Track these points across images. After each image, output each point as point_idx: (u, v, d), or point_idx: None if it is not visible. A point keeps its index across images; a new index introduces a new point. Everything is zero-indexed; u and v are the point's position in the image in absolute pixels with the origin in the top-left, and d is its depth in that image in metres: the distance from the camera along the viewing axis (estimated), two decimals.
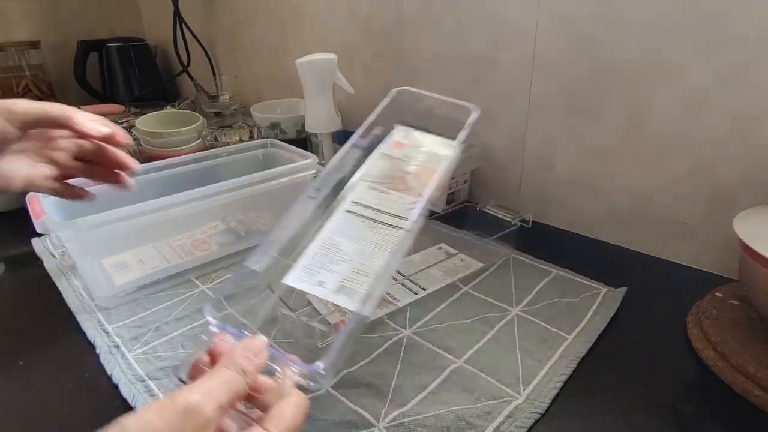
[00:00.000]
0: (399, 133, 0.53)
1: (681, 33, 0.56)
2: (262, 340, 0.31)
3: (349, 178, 0.49)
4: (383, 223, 0.43)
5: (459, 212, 0.81)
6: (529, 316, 0.53)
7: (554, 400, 0.42)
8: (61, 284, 0.61)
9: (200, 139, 0.96)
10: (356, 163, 0.50)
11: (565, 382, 0.44)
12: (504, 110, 0.76)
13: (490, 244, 0.67)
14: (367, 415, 0.41)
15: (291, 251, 0.43)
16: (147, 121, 0.98)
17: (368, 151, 0.51)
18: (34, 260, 0.67)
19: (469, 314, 0.53)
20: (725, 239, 0.59)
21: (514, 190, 0.80)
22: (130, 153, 1.02)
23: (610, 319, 0.52)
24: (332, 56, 0.80)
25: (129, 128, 1.11)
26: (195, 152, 0.84)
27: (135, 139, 1.00)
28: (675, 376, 0.45)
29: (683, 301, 0.54)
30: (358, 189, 0.47)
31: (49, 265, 0.65)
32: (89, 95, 1.45)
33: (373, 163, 0.50)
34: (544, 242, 0.70)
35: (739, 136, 0.55)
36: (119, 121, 1.18)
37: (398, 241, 0.41)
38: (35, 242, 0.71)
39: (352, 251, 0.41)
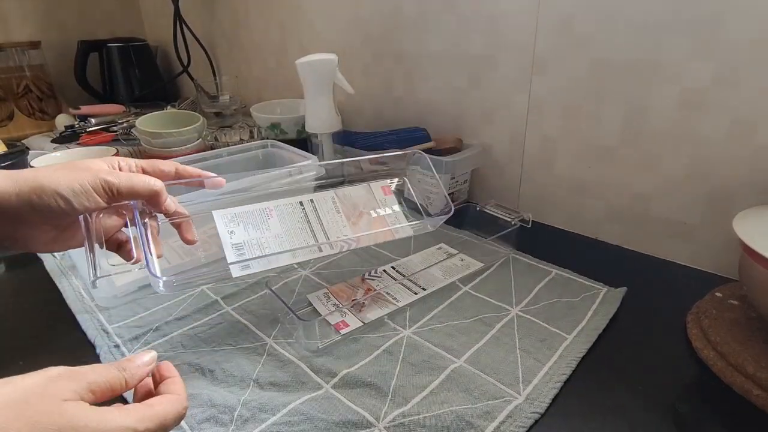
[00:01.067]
0: (396, 182, 0.56)
1: (680, 33, 0.56)
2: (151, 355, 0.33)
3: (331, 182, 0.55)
4: (312, 233, 0.48)
5: (459, 212, 0.81)
6: (529, 316, 0.53)
7: (554, 400, 0.42)
8: (61, 284, 0.61)
9: (200, 139, 0.96)
10: (352, 172, 0.54)
11: (565, 382, 0.44)
12: (504, 110, 0.76)
13: (490, 244, 0.67)
14: (367, 415, 0.41)
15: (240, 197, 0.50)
16: (147, 121, 0.98)
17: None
18: (34, 260, 0.67)
19: (469, 314, 0.54)
20: (725, 239, 0.59)
21: (514, 190, 0.80)
22: (130, 153, 1.02)
23: (610, 319, 0.52)
24: (332, 56, 0.80)
25: (129, 128, 1.11)
26: (195, 152, 0.84)
27: (135, 139, 1.00)
28: (675, 376, 0.45)
29: (683, 301, 0.54)
30: (324, 194, 0.52)
31: (49, 265, 0.65)
32: (89, 95, 1.45)
33: (356, 187, 0.54)
34: (544, 242, 0.70)
35: (738, 137, 0.55)
36: (119, 121, 1.18)
37: (305, 252, 0.46)
38: None
39: (273, 230, 0.47)
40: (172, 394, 0.31)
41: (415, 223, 0.53)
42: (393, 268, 0.62)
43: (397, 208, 0.53)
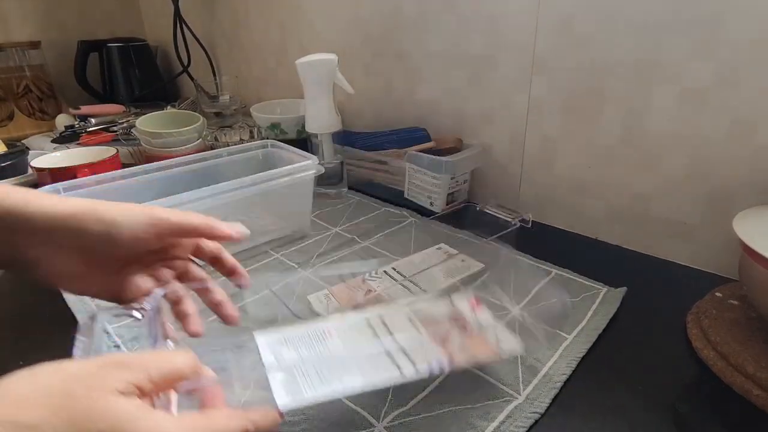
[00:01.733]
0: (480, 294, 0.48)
1: (680, 33, 0.56)
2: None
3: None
4: (388, 354, 0.38)
5: (459, 212, 0.81)
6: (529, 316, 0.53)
7: (554, 399, 0.42)
8: None
9: (200, 139, 0.96)
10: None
11: (565, 382, 0.44)
12: (504, 110, 0.76)
13: (490, 243, 0.67)
14: (366, 415, 0.41)
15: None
16: (147, 121, 0.98)
17: None
18: None
19: None
20: (725, 239, 0.59)
21: (514, 190, 0.80)
22: (129, 154, 1.02)
23: (610, 319, 0.52)
24: (332, 56, 0.80)
25: (129, 128, 1.11)
26: (195, 152, 0.84)
27: (135, 139, 1.00)
28: (675, 376, 0.45)
29: (683, 301, 0.54)
30: (394, 309, 0.44)
31: None
32: (89, 95, 1.45)
33: (435, 301, 0.46)
34: (544, 242, 0.70)
35: (738, 137, 0.55)
36: (119, 121, 1.18)
37: (386, 380, 0.36)
38: None
39: (334, 351, 0.38)
40: (235, 410, 0.27)
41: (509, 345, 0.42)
42: (393, 269, 0.62)
43: (491, 320, 0.44)
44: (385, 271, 0.62)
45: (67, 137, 1.14)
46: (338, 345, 0.39)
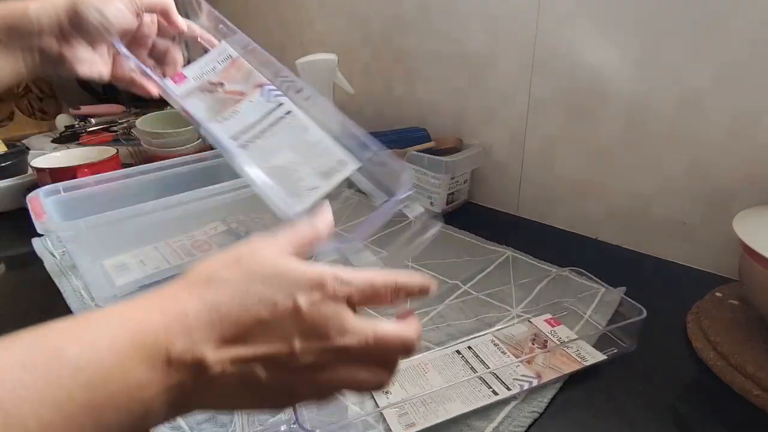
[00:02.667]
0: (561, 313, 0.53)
1: (680, 33, 0.56)
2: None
3: None
4: (483, 381, 0.43)
5: (459, 212, 0.81)
6: (529, 316, 0.53)
7: (553, 399, 0.42)
8: (62, 284, 0.61)
9: (200, 139, 0.96)
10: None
11: (565, 382, 0.44)
12: (504, 110, 0.76)
13: (489, 243, 0.67)
14: (368, 417, 0.41)
15: None
16: (147, 121, 0.98)
17: None
18: (34, 260, 0.67)
19: (470, 314, 0.53)
20: (725, 239, 0.59)
21: (514, 190, 0.80)
22: (129, 154, 1.02)
23: (610, 319, 0.52)
24: (332, 56, 0.80)
25: (129, 128, 1.11)
26: (195, 152, 0.84)
27: (135, 139, 1.00)
28: (675, 376, 0.45)
29: (683, 301, 0.54)
30: (481, 338, 0.49)
31: (49, 265, 0.65)
32: (89, 95, 1.44)
33: (516, 325, 0.51)
34: (544, 242, 0.70)
35: (738, 136, 0.55)
36: (119, 121, 1.18)
37: (486, 403, 0.41)
38: (35, 242, 0.71)
39: (434, 383, 0.43)
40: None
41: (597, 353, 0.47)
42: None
43: (572, 335, 0.49)
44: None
45: (67, 137, 1.14)
46: (437, 377, 0.44)
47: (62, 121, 1.22)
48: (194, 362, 0.21)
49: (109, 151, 0.86)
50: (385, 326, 0.25)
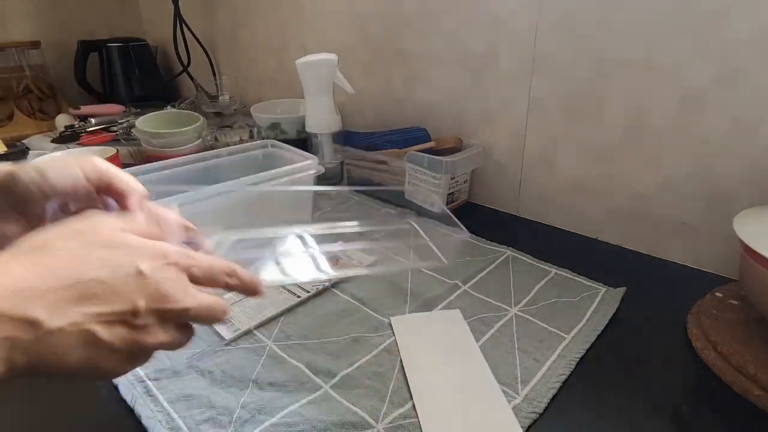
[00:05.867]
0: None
1: (680, 33, 0.56)
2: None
3: None
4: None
5: (459, 212, 0.81)
6: (528, 316, 0.53)
7: (552, 399, 0.42)
8: None
9: (200, 139, 0.96)
10: None
11: (564, 382, 0.44)
12: (504, 110, 0.76)
13: (489, 243, 0.67)
14: (366, 416, 0.41)
15: None
16: (147, 121, 0.98)
17: None
18: None
19: (469, 314, 0.53)
20: (725, 239, 0.59)
21: (514, 190, 0.79)
22: (129, 154, 1.02)
23: (610, 319, 0.52)
24: (332, 56, 0.80)
25: (129, 128, 1.11)
26: (195, 152, 0.84)
27: (135, 139, 1.00)
28: (675, 376, 0.45)
29: (683, 301, 0.54)
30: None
31: None
32: (89, 95, 1.45)
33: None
34: (544, 242, 0.70)
35: (738, 136, 0.55)
36: (119, 121, 1.18)
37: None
38: None
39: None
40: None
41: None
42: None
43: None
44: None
45: (67, 137, 1.14)
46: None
47: (62, 121, 1.22)
48: (23, 319, 0.22)
49: (109, 151, 0.86)
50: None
